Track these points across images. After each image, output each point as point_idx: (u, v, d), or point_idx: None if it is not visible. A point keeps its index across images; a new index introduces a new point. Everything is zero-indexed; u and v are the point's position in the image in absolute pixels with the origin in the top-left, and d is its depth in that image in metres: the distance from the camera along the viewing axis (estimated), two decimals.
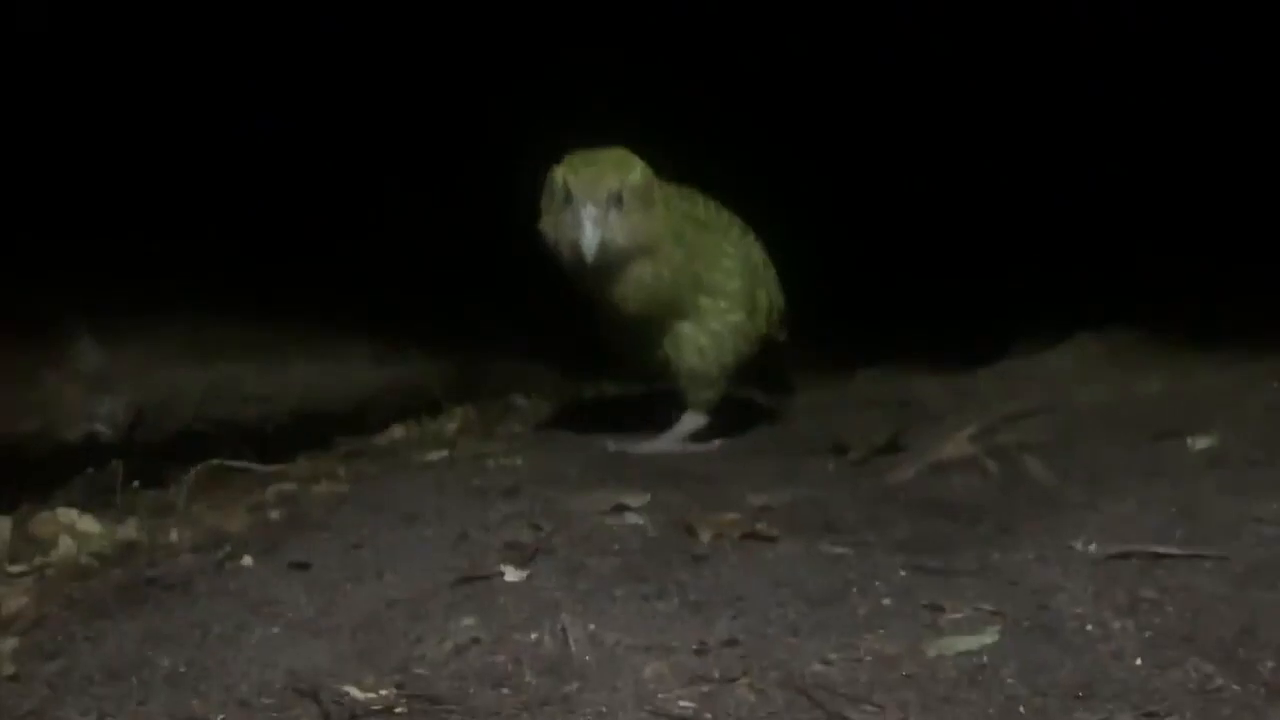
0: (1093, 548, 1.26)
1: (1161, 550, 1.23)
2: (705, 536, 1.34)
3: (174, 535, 1.56)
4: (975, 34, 2.96)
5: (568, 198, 1.71)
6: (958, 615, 1.11)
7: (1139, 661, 1.01)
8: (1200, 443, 1.63)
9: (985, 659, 1.03)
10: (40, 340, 1.89)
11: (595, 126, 1.79)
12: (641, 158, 1.78)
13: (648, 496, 1.51)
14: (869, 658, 1.04)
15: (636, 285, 1.78)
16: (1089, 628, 1.07)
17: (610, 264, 1.73)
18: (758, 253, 1.99)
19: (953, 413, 1.94)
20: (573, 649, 1.07)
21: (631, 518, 1.42)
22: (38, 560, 1.50)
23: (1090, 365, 2.20)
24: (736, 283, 1.90)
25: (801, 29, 3.04)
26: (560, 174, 1.75)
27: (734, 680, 1.01)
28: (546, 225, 1.76)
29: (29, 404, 1.81)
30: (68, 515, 1.63)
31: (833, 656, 1.04)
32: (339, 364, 2.34)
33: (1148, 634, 1.06)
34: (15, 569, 1.47)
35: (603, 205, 1.70)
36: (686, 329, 1.87)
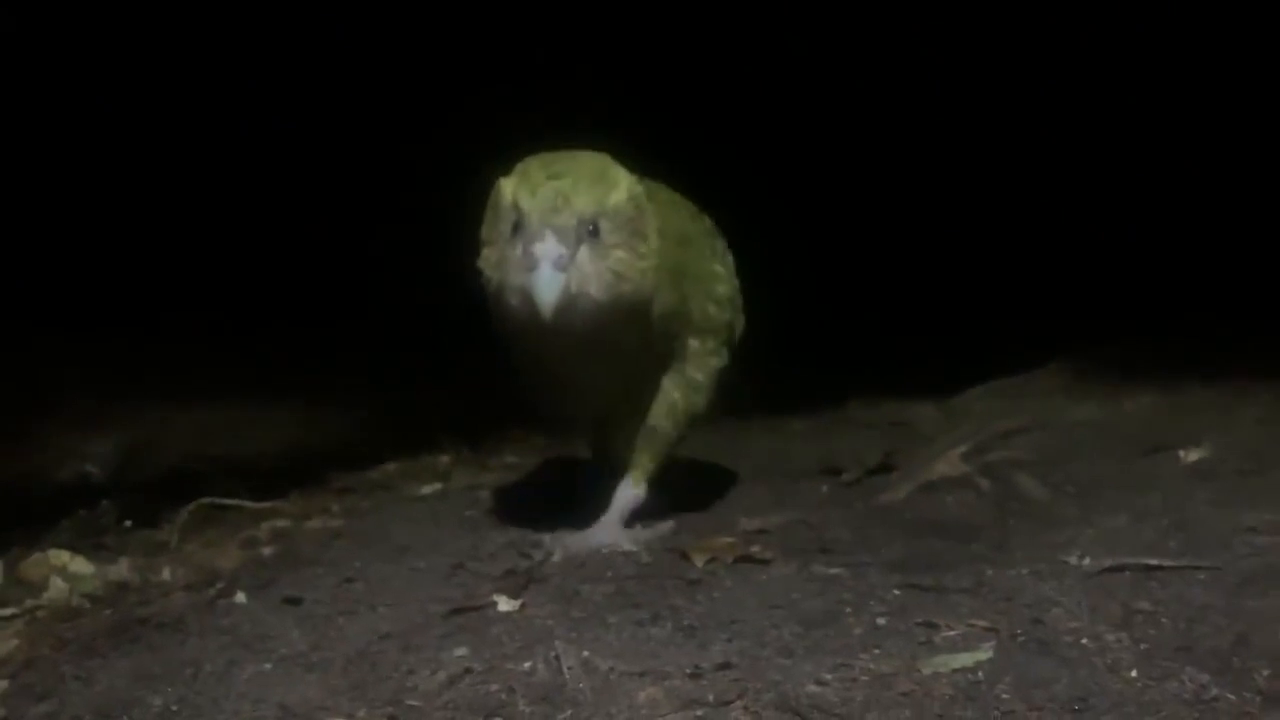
0: (1086, 561, 1.25)
1: (1155, 562, 1.22)
2: (699, 561, 1.34)
3: (166, 574, 1.55)
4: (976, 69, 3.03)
5: (519, 224, 1.20)
6: (952, 632, 1.11)
7: (1134, 673, 1.01)
8: (1191, 455, 1.63)
9: (980, 675, 1.02)
10: (31, 382, 1.90)
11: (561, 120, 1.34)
12: (625, 163, 1.26)
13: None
14: (864, 677, 1.03)
15: (612, 351, 1.27)
16: (1084, 641, 1.07)
17: (576, 322, 1.21)
18: (731, 261, 1.51)
19: (944, 432, 1.94)
20: (566, 677, 1.07)
21: (625, 544, 1.42)
22: (28, 603, 1.49)
23: (1080, 382, 2.21)
24: (726, 314, 1.45)
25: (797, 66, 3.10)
26: (509, 189, 1.22)
27: (729, 703, 1.00)
28: (487, 263, 1.25)
29: (20, 446, 1.81)
30: (59, 557, 1.62)
31: (828, 677, 1.03)
32: (331, 399, 2.35)
33: (1143, 646, 1.05)
34: (5, 612, 1.46)
35: (569, 238, 1.18)
36: (662, 381, 1.39)
